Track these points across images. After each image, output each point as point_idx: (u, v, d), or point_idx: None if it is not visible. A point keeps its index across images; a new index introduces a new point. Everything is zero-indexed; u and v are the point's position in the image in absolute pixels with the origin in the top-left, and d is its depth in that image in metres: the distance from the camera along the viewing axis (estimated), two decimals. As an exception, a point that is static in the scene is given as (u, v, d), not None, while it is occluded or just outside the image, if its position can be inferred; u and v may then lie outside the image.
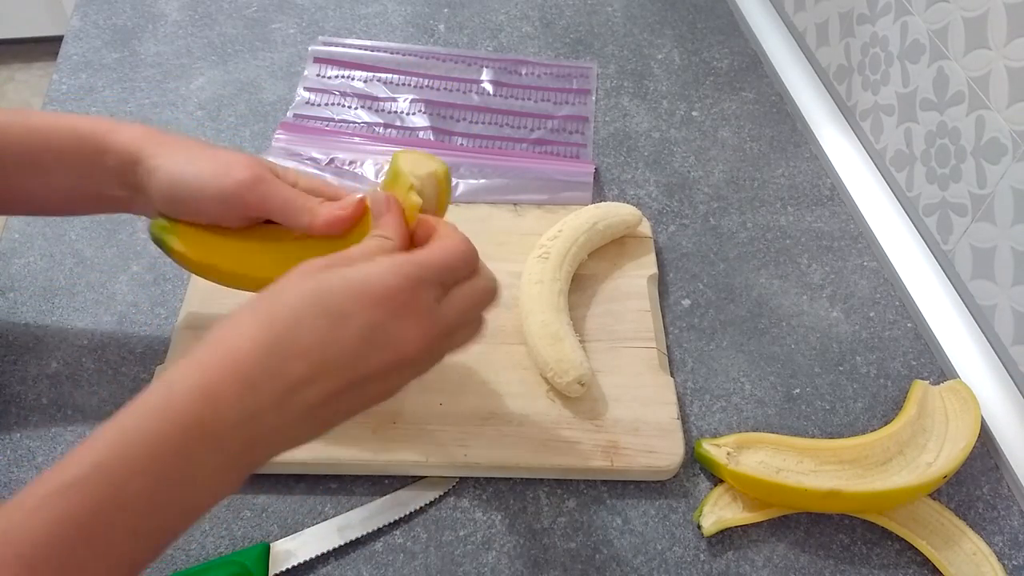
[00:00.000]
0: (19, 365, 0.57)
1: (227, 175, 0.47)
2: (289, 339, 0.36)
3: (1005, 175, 0.58)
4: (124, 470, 0.32)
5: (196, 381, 0.34)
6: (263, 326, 0.36)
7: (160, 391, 0.35)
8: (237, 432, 0.35)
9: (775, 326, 0.64)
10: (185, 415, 0.34)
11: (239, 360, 0.35)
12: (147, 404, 0.34)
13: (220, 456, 0.35)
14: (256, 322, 0.36)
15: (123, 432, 0.33)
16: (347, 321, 0.37)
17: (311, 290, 0.37)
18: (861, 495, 0.51)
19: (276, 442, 0.37)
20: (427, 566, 0.50)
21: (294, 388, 0.36)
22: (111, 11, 0.84)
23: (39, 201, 0.52)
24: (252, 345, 0.35)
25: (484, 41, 0.86)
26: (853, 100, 0.77)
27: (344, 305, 0.37)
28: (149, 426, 0.33)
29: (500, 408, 0.55)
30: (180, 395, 0.34)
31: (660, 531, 0.52)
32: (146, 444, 0.33)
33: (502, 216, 0.67)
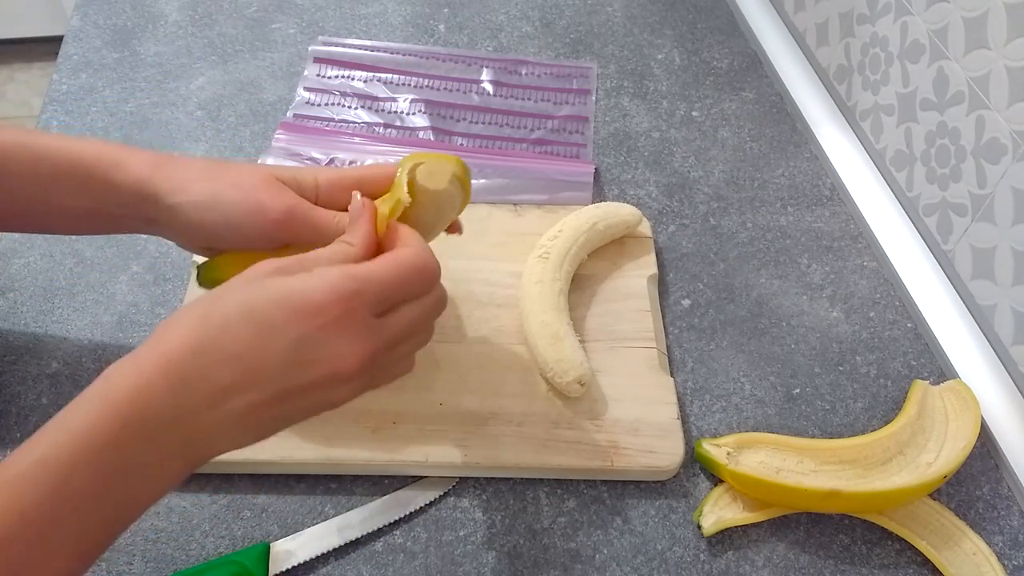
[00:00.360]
0: (19, 365, 0.57)
1: (260, 213, 0.46)
2: (218, 344, 0.36)
3: (1005, 175, 0.58)
4: (67, 463, 0.33)
5: (132, 379, 0.35)
6: (196, 328, 0.37)
7: (100, 386, 0.35)
8: (173, 429, 0.35)
9: (775, 326, 0.64)
10: (121, 410, 0.34)
11: (171, 359, 0.36)
12: (88, 399, 0.35)
13: (157, 450, 0.35)
14: (191, 323, 0.37)
15: (64, 428, 0.34)
16: (273, 333, 0.37)
17: (244, 297, 0.38)
18: (861, 495, 0.51)
19: (216, 442, 0.37)
20: (427, 566, 0.50)
21: (223, 392, 0.36)
22: (111, 11, 0.84)
23: (51, 226, 0.52)
24: (183, 345, 0.36)
25: (484, 41, 0.86)
26: (853, 100, 0.77)
27: (272, 315, 0.37)
28: (89, 420, 0.34)
29: (500, 408, 0.55)
30: (117, 391, 0.35)
31: (660, 531, 0.52)
32: (86, 438, 0.34)
33: (502, 216, 0.67)
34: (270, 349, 0.37)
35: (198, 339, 0.36)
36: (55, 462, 0.33)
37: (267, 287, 0.38)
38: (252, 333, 0.37)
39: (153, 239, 0.65)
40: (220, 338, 0.36)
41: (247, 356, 0.36)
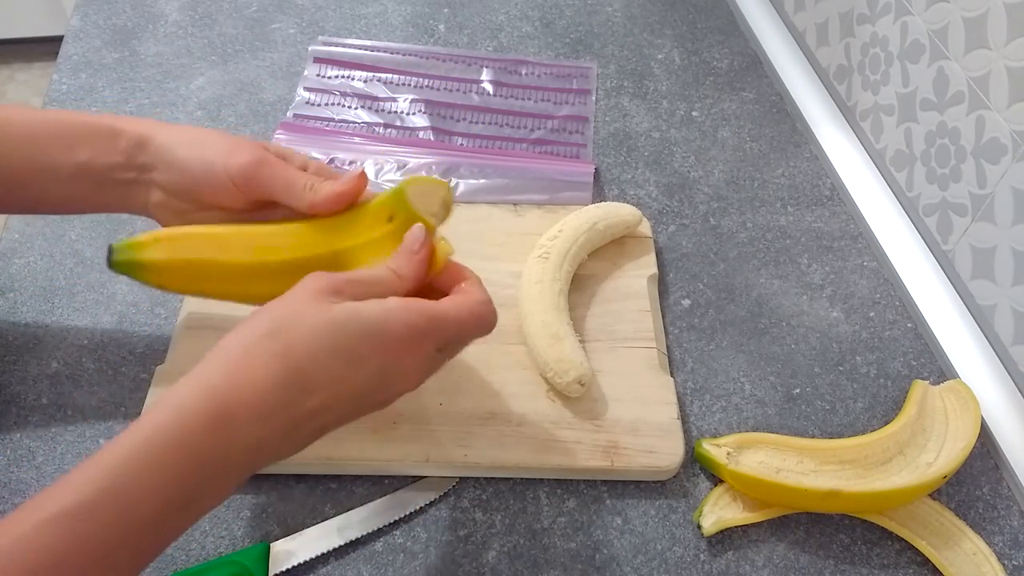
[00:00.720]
0: (19, 365, 0.57)
1: (233, 155, 0.47)
2: (306, 375, 0.37)
3: (1005, 175, 0.58)
4: (133, 496, 0.33)
5: (210, 409, 0.35)
6: (280, 358, 0.37)
7: (170, 416, 0.35)
8: (244, 457, 0.36)
9: (775, 326, 0.64)
10: (199, 444, 0.34)
11: (256, 391, 0.36)
12: (157, 428, 0.34)
13: (224, 479, 0.36)
14: (274, 353, 0.37)
15: (131, 456, 0.33)
16: (361, 363, 0.39)
17: (328, 327, 0.38)
18: (861, 495, 0.51)
19: (276, 457, 0.39)
20: (427, 566, 0.50)
21: (306, 418, 0.38)
22: (111, 11, 0.84)
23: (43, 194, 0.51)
24: (268, 377, 0.36)
25: (484, 41, 0.86)
26: (853, 100, 0.77)
27: (359, 348, 0.39)
28: (162, 453, 0.34)
29: (500, 408, 0.55)
30: (193, 422, 0.34)
31: (660, 531, 0.52)
32: (158, 470, 0.33)
33: (502, 216, 0.67)
34: (356, 378, 0.39)
35: (286, 371, 0.37)
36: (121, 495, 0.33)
37: (349, 315, 0.39)
38: (340, 365, 0.38)
39: (153, 239, 0.65)
40: (308, 369, 0.37)
41: (334, 385, 0.38)
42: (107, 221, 0.66)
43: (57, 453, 0.53)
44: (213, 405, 0.35)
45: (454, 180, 0.71)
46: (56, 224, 0.65)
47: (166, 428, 0.34)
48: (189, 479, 0.34)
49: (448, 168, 0.72)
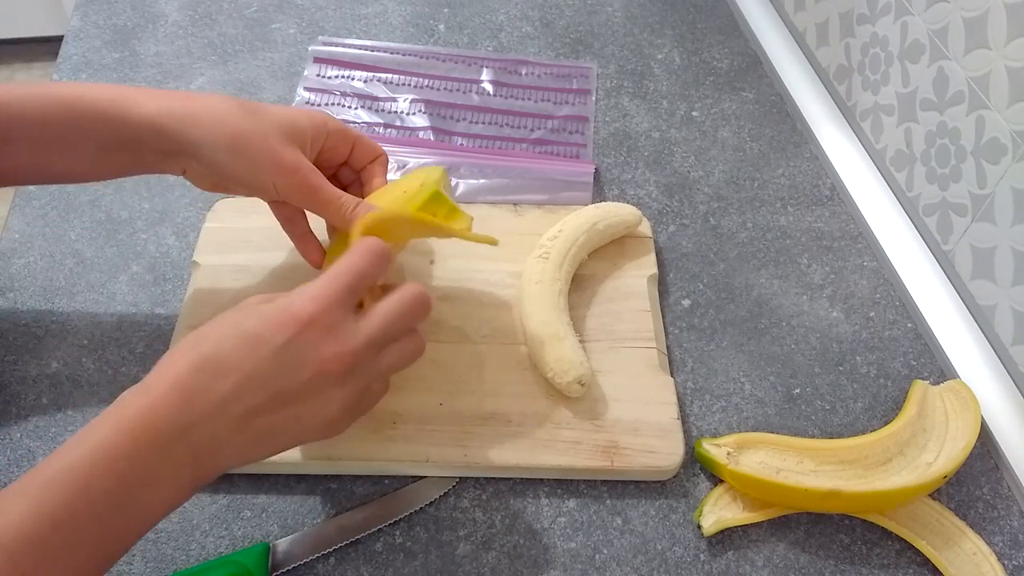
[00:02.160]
0: (19, 365, 0.57)
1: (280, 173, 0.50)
2: (214, 360, 0.40)
3: (1005, 175, 0.58)
4: (88, 471, 0.37)
5: (142, 398, 0.39)
6: (193, 349, 0.41)
7: (113, 408, 0.39)
8: (181, 441, 0.39)
9: (775, 326, 0.64)
10: (134, 426, 0.38)
11: (175, 378, 0.40)
12: (103, 418, 0.39)
13: (168, 461, 0.39)
14: (188, 347, 0.41)
15: (83, 441, 0.38)
16: (262, 343, 0.41)
17: (233, 319, 0.42)
18: (861, 495, 0.51)
19: (221, 455, 0.41)
20: (427, 566, 0.50)
21: (224, 402, 0.40)
22: (111, 11, 0.84)
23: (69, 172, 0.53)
24: (185, 365, 0.40)
25: (484, 41, 0.86)
26: (853, 100, 0.77)
27: (258, 328, 0.41)
28: (105, 434, 0.38)
29: (500, 408, 0.55)
30: (129, 408, 0.39)
31: (660, 531, 0.52)
32: (104, 450, 0.37)
33: (502, 216, 0.67)
34: (260, 357, 0.41)
35: (197, 358, 0.40)
36: (77, 470, 0.37)
37: (253, 309, 0.43)
38: (243, 346, 0.41)
39: (153, 240, 0.65)
40: (215, 354, 0.40)
41: (241, 366, 0.40)
42: (107, 221, 0.66)
43: (57, 453, 0.53)
44: (143, 396, 0.39)
45: (454, 180, 0.71)
46: (56, 224, 0.65)
47: (110, 419, 0.39)
48: (134, 458, 0.38)
49: (448, 168, 0.72)
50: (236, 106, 0.50)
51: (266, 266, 0.61)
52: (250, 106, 0.51)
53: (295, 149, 0.51)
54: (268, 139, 0.50)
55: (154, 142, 0.49)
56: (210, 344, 0.41)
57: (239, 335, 0.41)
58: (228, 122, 0.49)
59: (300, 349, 0.41)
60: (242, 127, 0.49)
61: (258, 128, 0.50)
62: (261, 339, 0.41)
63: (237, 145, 0.49)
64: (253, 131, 0.50)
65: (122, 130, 0.49)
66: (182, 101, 0.50)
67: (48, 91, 0.49)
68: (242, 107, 0.50)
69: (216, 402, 0.40)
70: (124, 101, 0.49)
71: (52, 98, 0.49)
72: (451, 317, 0.59)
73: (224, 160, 0.50)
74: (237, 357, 0.40)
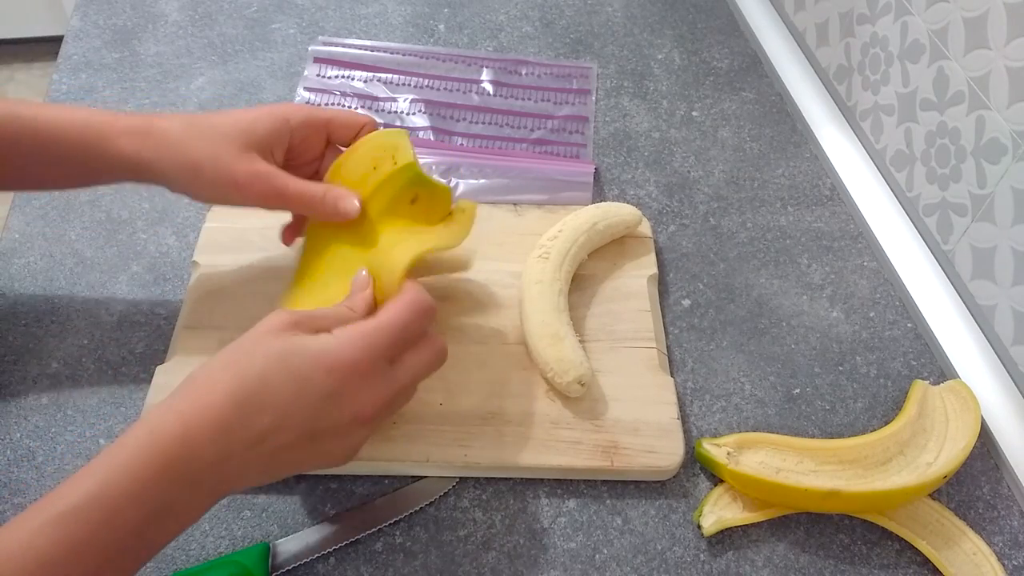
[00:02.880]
0: (19, 365, 0.57)
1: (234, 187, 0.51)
2: (259, 396, 0.40)
3: (1005, 175, 0.58)
4: (116, 500, 0.37)
5: (176, 428, 0.39)
6: (236, 381, 0.40)
7: (143, 434, 0.39)
8: (210, 471, 0.39)
9: (775, 326, 0.64)
10: (167, 456, 0.38)
11: (214, 410, 0.39)
12: (133, 444, 0.38)
13: (195, 491, 0.39)
14: (230, 378, 0.41)
15: (112, 467, 0.37)
16: (310, 385, 0.41)
17: (277, 353, 0.42)
18: (861, 495, 0.51)
19: (240, 481, 0.42)
20: (427, 566, 0.50)
21: (261, 437, 0.40)
22: (111, 11, 0.84)
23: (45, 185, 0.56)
24: (225, 399, 0.40)
25: (484, 41, 0.86)
26: (853, 100, 0.77)
27: (305, 370, 0.42)
28: (137, 464, 0.38)
29: (500, 408, 0.55)
30: (162, 438, 0.38)
31: (660, 531, 0.52)
32: (134, 480, 0.37)
33: (502, 216, 0.67)
34: (306, 400, 0.41)
35: (240, 392, 0.40)
36: (107, 498, 0.36)
37: (299, 345, 0.42)
38: (291, 386, 0.41)
39: (153, 239, 0.65)
40: (261, 391, 0.41)
41: (286, 405, 0.41)
42: (107, 221, 0.66)
43: (57, 453, 0.53)
44: (180, 427, 0.39)
45: (454, 180, 0.71)
46: (56, 224, 0.65)
47: (141, 446, 0.38)
48: (164, 490, 0.38)
49: (448, 168, 0.72)
50: (189, 130, 0.51)
51: (266, 266, 0.61)
52: (203, 125, 0.51)
53: (252, 158, 0.51)
54: (219, 160, 0.50)
55: (130, 175, 0.51)
56: (253, 378, 0.41)
57: (287, 374, 0.41)
58: (181, 151, 0.50)
59: (343, 396, 0.42)
60: (192, 155, 0.50)
61: (209, 151, 0.50)
62: (309, 382, 0.41)
63: (193, 172, 0.50)
64: (204, 156, 0.50)
65: (98, 163, 0.51)
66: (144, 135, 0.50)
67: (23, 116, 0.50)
68: (193, 128, 0.51)
69: (254, 437, 0.40)
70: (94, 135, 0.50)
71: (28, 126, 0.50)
72: (451, 317, 0.59)
73: (187, 187, 0.51)
74: (283, 396, 0.41)
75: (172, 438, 0.38)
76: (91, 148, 0.50)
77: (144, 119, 0.51)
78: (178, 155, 0.50)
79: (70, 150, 0.51)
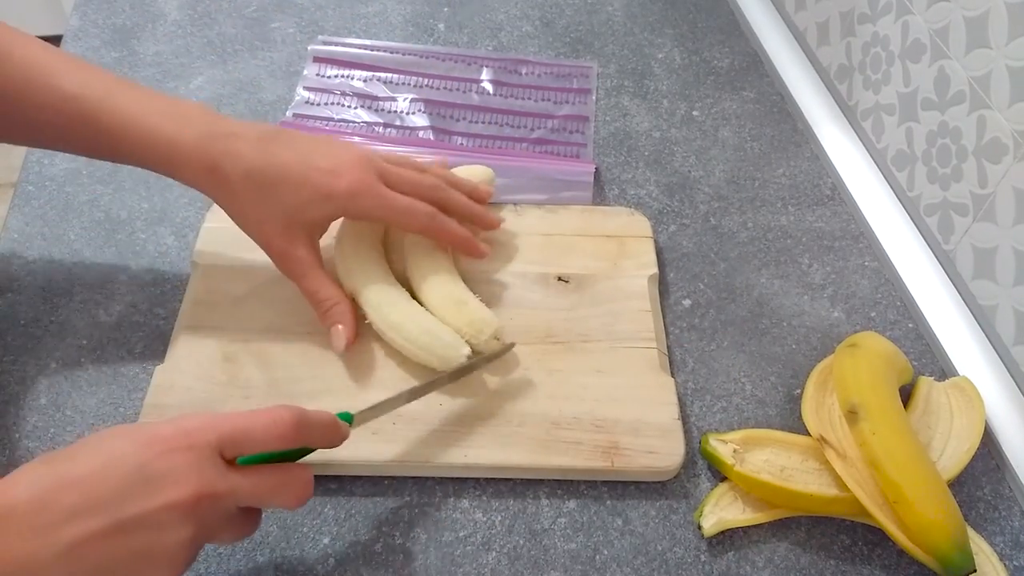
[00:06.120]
0: (18, 365, 0.57)
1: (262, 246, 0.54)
2: (61, 471, 0.36)
3: (1006, 175, 0.58)
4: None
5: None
6: (43, 461, 0.37)
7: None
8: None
9: (776, 326, 0.64)
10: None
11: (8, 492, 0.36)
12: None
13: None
14: (37, 461, 0.37)
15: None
16: (118, 459, 0.37)
17: (95, 435, 0.39)
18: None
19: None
20: (427, 566, 0.50)
21: (56, 521, 0.35)
22: (110, 11, 0.84)
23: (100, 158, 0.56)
24: (26, 478, 0.36)
25: (484, 40, 0.85)
26: (854, 100, 0.76)
27: (119, 445, 0.38)
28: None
29: (500, 408, 0.55)
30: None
31: (660, 532, 0.52)
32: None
33: (502, 216, 0.66)
34: (112, 473, 0.37)
35: (44, 468, 0.37)
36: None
37: (124, 428, 0.39)
38: (98, 460, 0.37)
39: (152, 240, 0.65)
40: (65, 467, 0.37)
41: (89, 480, 0.36)
42: (107, 221, 0.66)
43: (56, 453, 0.53)
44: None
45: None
46: (56, 224, 0.65)
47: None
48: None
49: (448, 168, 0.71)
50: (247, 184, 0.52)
51: (265, 266, 0.61)
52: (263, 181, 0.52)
53: (292, 238, 0.53)
54: (263, 226, 0.53)
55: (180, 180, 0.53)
56: (62, 456, 0.37)
57: (96, 449, 0.38)
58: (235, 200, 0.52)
59: (155, 470, 0.37)
60: (243, 207, 0.53)
61: (257, 215, 0.53)
62: (119, 455, 0.37)
63: (240, 220, 0.54)
64: (252, 217, 0.53)
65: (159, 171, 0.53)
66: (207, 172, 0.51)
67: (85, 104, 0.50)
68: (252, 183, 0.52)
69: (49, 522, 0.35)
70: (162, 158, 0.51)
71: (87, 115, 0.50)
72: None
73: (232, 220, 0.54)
74: (87, 470, 0.37)
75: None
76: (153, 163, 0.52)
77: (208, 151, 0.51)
78: (232, 203, 0.52)
79: (131, 155, 0.52)
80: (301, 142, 0.54)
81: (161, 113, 0.51)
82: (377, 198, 0.54)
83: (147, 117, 0.50)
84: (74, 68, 0.51)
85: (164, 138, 0.50)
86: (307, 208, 0.53)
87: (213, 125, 0.51)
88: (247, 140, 0.52)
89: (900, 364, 0.56)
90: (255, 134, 0.52)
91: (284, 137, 0.54)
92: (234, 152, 0.51)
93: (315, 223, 0.54)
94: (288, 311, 0.58)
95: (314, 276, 0.54)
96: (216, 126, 0.51)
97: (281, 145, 0.53)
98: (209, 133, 0.51)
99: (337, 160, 0.53)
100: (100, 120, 0.50)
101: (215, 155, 0.51)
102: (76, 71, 0.51)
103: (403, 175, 0.56)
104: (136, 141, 0.50)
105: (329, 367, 0.56)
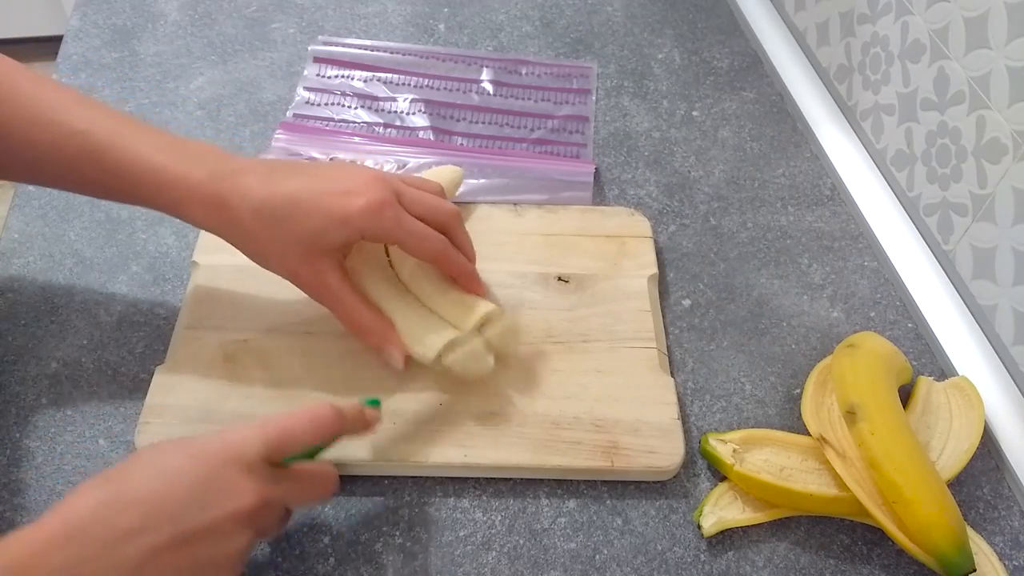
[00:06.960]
0: (19, 365, 0.57)
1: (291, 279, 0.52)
2: (120, 493, 0.38)
3: (1006, 175, 0.58)
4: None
5: (28, 533, 0.36)
6: (98, 483, 0.38)
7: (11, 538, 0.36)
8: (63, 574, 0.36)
9: (775, 326, 0.64)
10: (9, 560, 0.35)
11: (71, 513, 0.37)
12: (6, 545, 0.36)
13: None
14: (95, 480, 0.39)
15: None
16: (176, 475, 0.39)
17: (146, 451, 0.40)
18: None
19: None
20: (427, 566, 0.50)
21: (121, 539, 0.37)
22: (111, 11, 0.84)
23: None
24: (85, 499, 0.38)
25: (484, 41, 0.86)
26: (854, 100, 0.76)
27: (175, 461, 0.40)
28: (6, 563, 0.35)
29: (500, 408, 0.55)
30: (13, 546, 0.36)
31: (660, 531, 0.52)
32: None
33: (502, 216, 0.67)
34: (172, 491, 0.39)
35: (101, 491, 0.38)
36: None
37: (175, 443, 0.41)
38: (156, 478, 0.39)
39: (153, 240, 0.65)
40: (123, 487, 0.38)
41: (150, 499, 0.38)
42: (107, 221, 0.66)
43: (57, 453, 0.53)
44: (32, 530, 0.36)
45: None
46: (56, 224, 0.65)
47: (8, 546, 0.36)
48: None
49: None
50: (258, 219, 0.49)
51: (266, 266, 0.61)
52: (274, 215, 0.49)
53: (317, 264, 0.51)
54: (286, 258, 0.51)
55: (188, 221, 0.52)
56: (116, 477, 0.39)
57: (152, 467, 0.39)
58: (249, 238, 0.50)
59: (215, 483, 0.39)
60: (260, 244, 0.50)
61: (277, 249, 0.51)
62: (176, 471, 0.39)
63: (260, 258, 0.52)
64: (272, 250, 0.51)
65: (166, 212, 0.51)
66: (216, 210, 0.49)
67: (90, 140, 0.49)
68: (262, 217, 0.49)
69: (113, 538, 0.36)
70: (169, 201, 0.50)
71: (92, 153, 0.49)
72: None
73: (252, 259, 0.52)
74: (146, 490, 0.38)
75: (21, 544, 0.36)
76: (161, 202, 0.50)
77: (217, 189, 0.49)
78: (248, 242, 0.51)
79: (137, 196, 0.50)
80: (310, 168, 0.52)
81: (169, 151, 0.49)
82: (395, 220, 0.50)
83: (155, 155, 0.49)
84: (82, 105, 0.50)
85: (173, 177, 0.49)
86: (325, 233, 0.50)
87: (222, 163, 0.50)
88: (256, 175, 0.50)
89: (899, 364, 0.56)
90: (264, 168, 0.50)
91: (293, 167, 0.52)
92: (243, 188, 0.49)
93: (336, 247, 0.51)
94: (288, 311, 0.58)
95: (348, 304, 0.52)
96: (225, 164, 0.50)
97: (288, 174, 0.51)
98: (218, 171, 0.49)
99: (351, 182, 0.51)
100: (107, 157, 0.49)
101: (224, 193, 0.49)
102: (84, 108, 0.49)
103: (423, 198, 0.53)
104: (144, 179, 0.49)
105: (329, 367, 0.56)
